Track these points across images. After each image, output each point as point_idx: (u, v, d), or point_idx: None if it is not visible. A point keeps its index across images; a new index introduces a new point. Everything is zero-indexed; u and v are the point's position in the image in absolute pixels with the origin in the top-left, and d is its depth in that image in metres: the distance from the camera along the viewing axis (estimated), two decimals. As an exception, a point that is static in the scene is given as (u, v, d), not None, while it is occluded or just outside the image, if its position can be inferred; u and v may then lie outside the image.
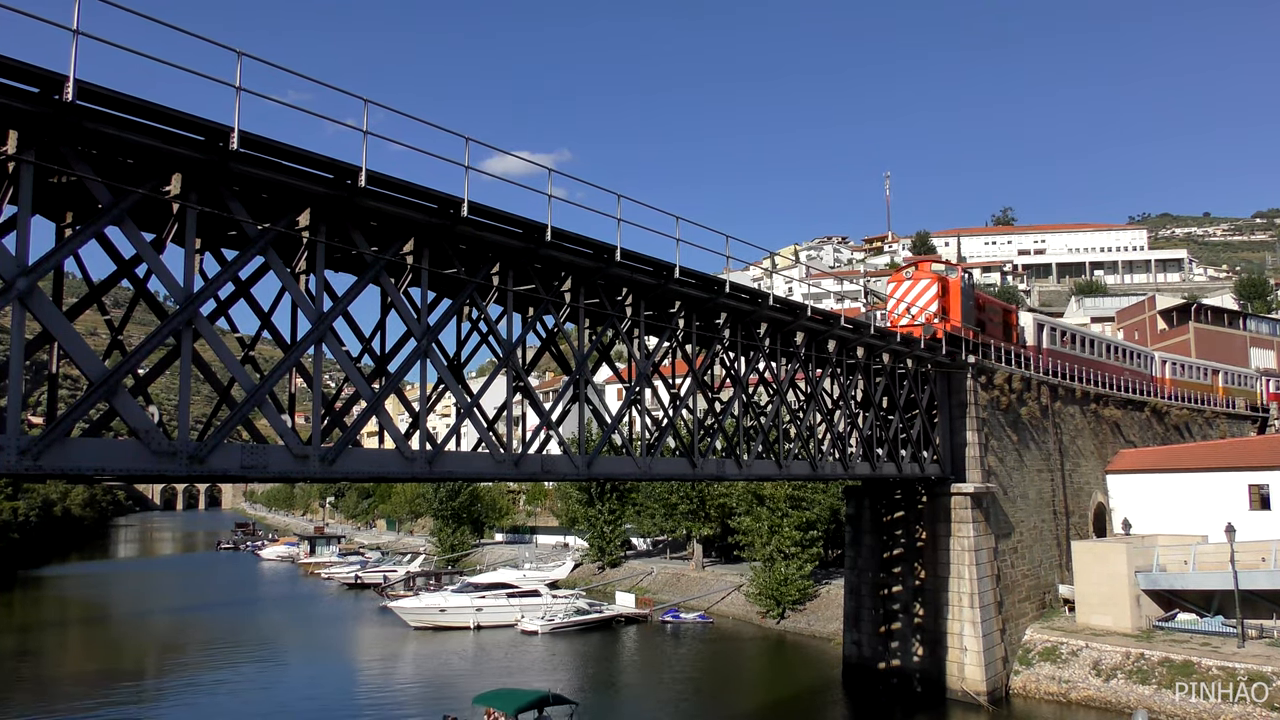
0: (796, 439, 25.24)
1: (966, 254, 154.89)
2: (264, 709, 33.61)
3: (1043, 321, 42.31)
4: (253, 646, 46.46)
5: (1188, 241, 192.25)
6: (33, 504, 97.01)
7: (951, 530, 31.36)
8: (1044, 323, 42.40)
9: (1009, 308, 39.72)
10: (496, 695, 24.71)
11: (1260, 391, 64.33)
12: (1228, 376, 60.58)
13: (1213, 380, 58.33)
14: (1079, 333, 45.91)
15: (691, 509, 57.15)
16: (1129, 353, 50.36)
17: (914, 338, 30.87)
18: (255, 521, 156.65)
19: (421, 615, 49.78)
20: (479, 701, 24.71)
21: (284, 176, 13.23)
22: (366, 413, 15.13)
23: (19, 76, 10.46)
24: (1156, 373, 52.19)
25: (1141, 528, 41.01)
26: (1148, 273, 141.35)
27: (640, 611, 51.03)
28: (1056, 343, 42.16)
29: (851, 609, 34.17)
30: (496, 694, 24.98)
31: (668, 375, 22.84)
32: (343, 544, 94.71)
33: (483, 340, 19.52)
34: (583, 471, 18.81)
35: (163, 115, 11.69)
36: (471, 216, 15.55)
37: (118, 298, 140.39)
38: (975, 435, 32.31)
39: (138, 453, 11.82)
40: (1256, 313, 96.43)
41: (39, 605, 66.21)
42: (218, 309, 15.30)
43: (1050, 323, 43.49)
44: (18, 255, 10.68)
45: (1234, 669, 28.02)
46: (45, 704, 33.81)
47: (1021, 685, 31.59)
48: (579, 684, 37.05)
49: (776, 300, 23.35)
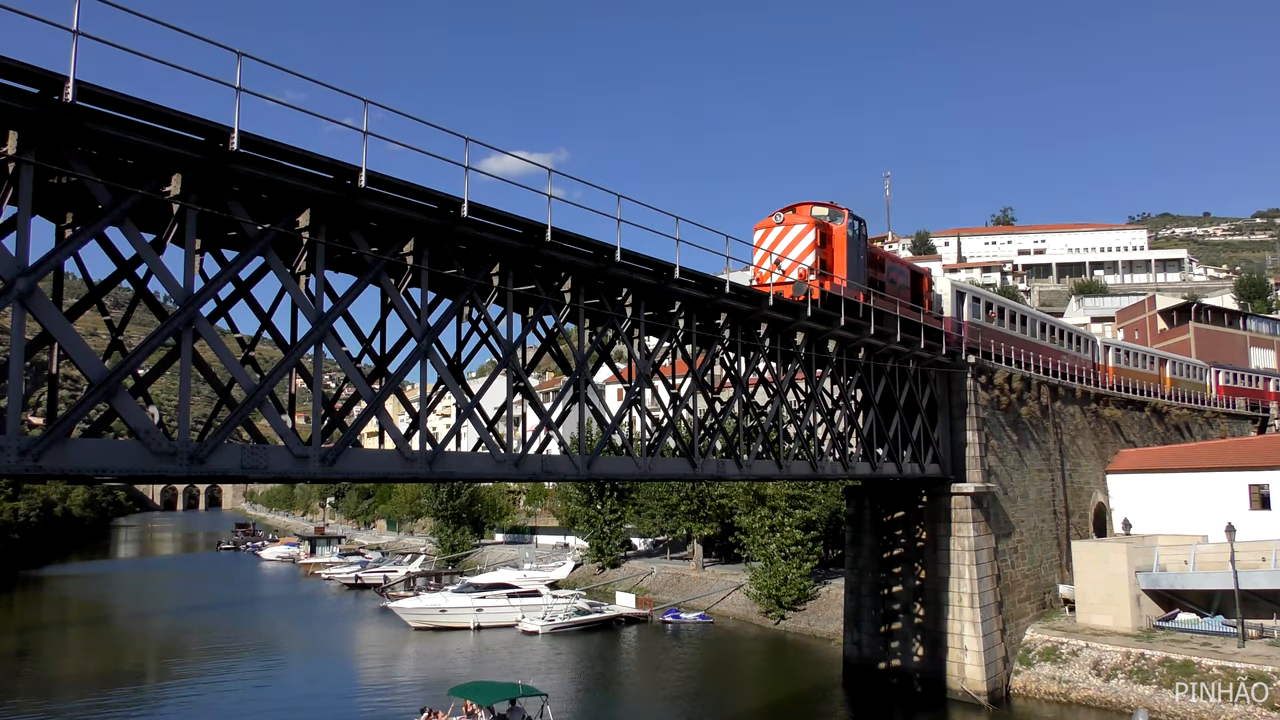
0: (796, 439, 25.24)
1: (966, 254, 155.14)
2: (264, 709, 33.62)
3: (964, 290, 36.03)
4: (253, 647, 46.47)
5: (1188, 241, 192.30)
6: (33, 504, 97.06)
7: (952, 530, 31.35)
8: (966, 292, 36.12)
9: (920, 270, 33.92)
10: (472, 688, 26.27)
11: (1210, 384, 59.84)
12: (1177, 367, 56.19)
13: (1159, 370, 53.74)
14: (1010, 308, 39.74)
15: (692, 509, 57.16)
16: (1069, 335, 45.34)
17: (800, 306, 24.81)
18: (255, 522, 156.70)
19: (422, 615, 49.78)
20: (455, 694, 26.15)
21: (284, 177, 13.23)
22: (367, 413, 15.14)
23: (19, 77, 10.45)
24: (1100, 359, 47.71)
25: (1142, 528, 41.01)
26: (1148, 273, 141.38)
27: (640, 612, 51.04)
28: (981, 316, 36.35)
29: (852, 609, 34.16)
30: (471, 686, 26.62)
31: (667, 375, 22.84)
32: (343, 544, 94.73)
33: (483, 340, 19.53)
34: (583, 472, 18.81)
35: (162, 116, 11.68)
36: (471, 217, 15.56)
37: (118, 298, 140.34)
38: (975, 435, 32.31)
39: (138, 453, 11.82)
40: (1256, 313, 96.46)
41: (39, 605, 66.23)
42: (218, 309, 15.31)
43: (974, 293, 37.03)
44: (18, 256, 10.68)
45: (1234, 669, 28.02)
46: (46, 704, 33.80)
47: (1022, 685, 31.59)
48: (579, 684, 37.07)
49: (776, 300, 23.35)
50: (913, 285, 31.55)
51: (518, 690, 25.76)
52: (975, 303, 36.22)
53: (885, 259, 30.40)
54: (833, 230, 26.92)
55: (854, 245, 27.32)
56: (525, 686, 26.32)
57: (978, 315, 35.96)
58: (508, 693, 25.62)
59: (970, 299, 35.91)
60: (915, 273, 32.73)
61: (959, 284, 35.77)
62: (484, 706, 24.75)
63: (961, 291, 35.45)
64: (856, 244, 27.54)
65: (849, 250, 26.91)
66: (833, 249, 26.62)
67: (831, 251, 26.55)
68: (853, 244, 27.22)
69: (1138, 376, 50.04)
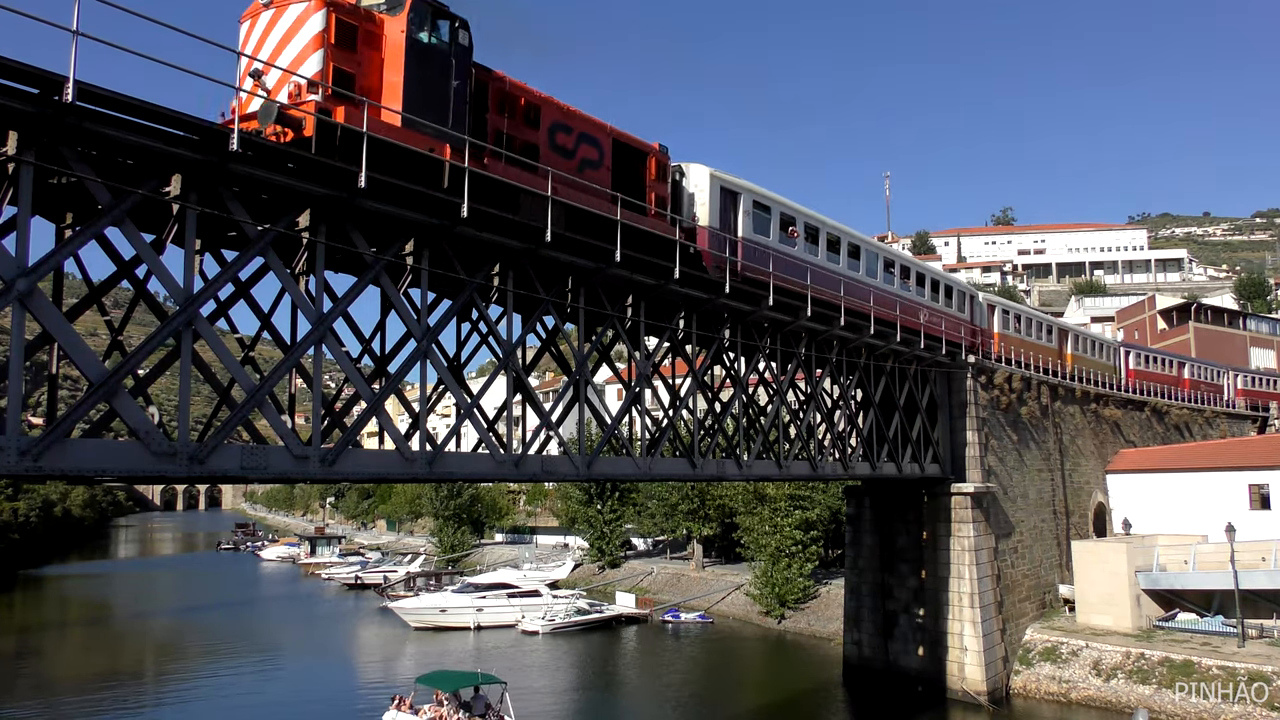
0: (796, 439, 25.26)
1: (966, 254, 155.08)
2: (264, 709, 33.64)
3: (737, 190, 22.79)
4: (253, 647, 46.46)
5: (1188, 241, 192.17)
6: (33, 504, 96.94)
7: (952, 530, 31.36)
8: (741, 193, 22.86)
9: (638, 146, 20.52)
10: (436, 676, 28.33)
11: (1119, 366, 48.70)
12: (1081, 344, 45.12)
13: (1060, 345, 42.53)
14: (825, 228, 26.37)
15: (692, 509, 57.14)
16: (936, 285, 32.65)
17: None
18: (255, 522, 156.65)
19: (422, 615, 49.79)
20: (421, 681, 28.11)
21: (284, 177, 13.24)
22: (366, 413, 15.15)
23: (19, 77, 10.46)
24: (983, 321, 36.44)
25: (1141, 527, 41.00)
26: (1148, 272, 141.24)
27: (640, 611, 51.04)
28: (769, 233, 23.61)
29: (852, 609, 34.18)
30: (436, 675, 28.65)
31: (667, 375, 22.85)
32: (343, 544, 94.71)
33: (483, 341, 19.55)
34: (583, 472, 18.83)
35: (162, 116, 11.70)
36: (471, 216, 15.52)
37: (118, 298, 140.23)
38: (975, 435, 32.31)
39: (138, 454, 11.83)
40: (1256, 312, 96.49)
41: (39, 605, 66.24)
42: (218, 310, 15.31)
43: (758, 196, 23.55)
44: (18, 256, 10.69)
45: (1234, 669, 28.02)
46: (46, 704, 33.81)
47: (1022, 685, 31.59)
48: (579, 684, 37.09)
49: (775, 301, 23.35)
50: (621, 165, 19.77)
51: (478, 678, 27.60)
52: (759, 212, 23.36)
53: (543, 107, 18.11)
54: (377, 25, 15.36)
55: (429, 59, 15.64)
56: (485, 675, 28.06)
57: (762, 230, 23.37)
58: (469, 680, 27.49)
59: (748, 204, 22.89)
60: (628, 148, 20.10)
61: (727, 180, 22.55)
62: (449, 693, 26.63)
63: (732, 191, 22.55)
64: (438, 59, 15.80)
65: (417, 64, 15.39)
66: (374, 57, 15.17)
67: (370, 60, 15.10)
68: (425, 55, 15.57)
69: (1033, 349, 39.23)
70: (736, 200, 22.68)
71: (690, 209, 21.68)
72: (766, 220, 23.64)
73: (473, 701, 26.92)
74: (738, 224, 22.47)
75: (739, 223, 22.51)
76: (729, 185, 22.54)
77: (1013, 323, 38.61)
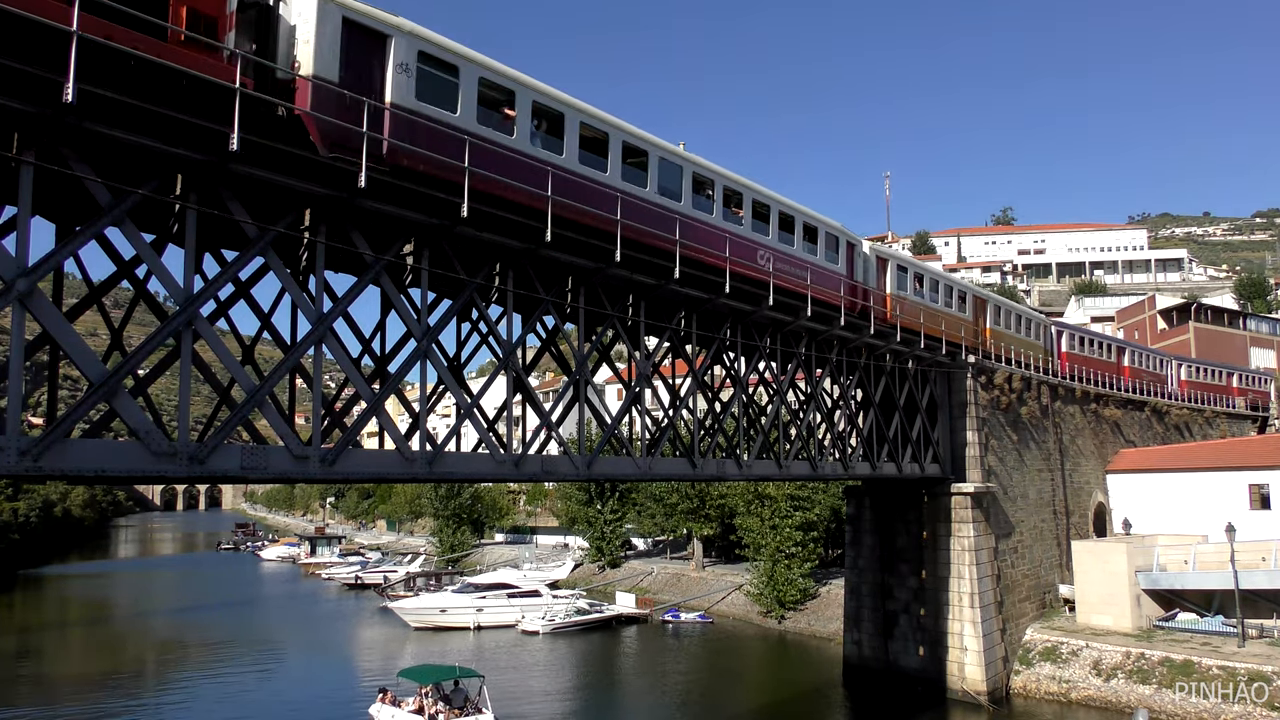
0: (796, 439, 25.25)
1: (966, 254, 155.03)
2: (264, 709, 33.62)
3: (386, 29, 14.51)
4: (253, 647, 46.44)
5: (1188, 241, 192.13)
6: (33, 504, 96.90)
7: (952, 530, 31.36)
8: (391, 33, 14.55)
9: None
10: (417, 670, 29.78)
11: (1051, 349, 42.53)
12: (1004, 317, 37.95)
13: (976, 317, 35.30)
14: (547, 104, 17.45)
15: (692, 509, 57.13)
16: (781, 218, 23.89)
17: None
18: (255, 522, 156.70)
19: (422, 615, 49.79)
20: (403, 675, 29.46)
21: (284, 177, 13.22)
22: (367, 413, 15.15)
23: (19, 78, 10.45)
24: (870, 280, 28.28)
25: (1141, 527, 41.01)
26: (1148, 272, 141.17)
27: (640, 611, 51.03)
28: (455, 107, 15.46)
29: (852, 609, 34.18)
30: (417, 669, 30.08)
31: (667, 375, 22.85)
32: (343, 544, 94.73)
33: (483, 341, 19.55)
34: (583, 472, 18.82)
35: (161, 116, 11.67)
36: (472, 216, 15.51)
37: (118, 298, 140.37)
38: (975, 435, 32.31)
39: (138, 454, 11.83)
40: (1256, 312, 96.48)
41: (40, 605, 66.20)
42: (218, 310, 15.32)
43: (428, 44, 15.11)
44: (18, 256, 10.69)
45: (1234, 669, 28.01)
46: (46, 704, 33.80)
47: (1022, 685, 31.59)
48: (579, 684, 37.08)
49: (776, 301, 23.34)
50: None
51: (456, 672, 29.13)
52: (433, 70, 15.28)
53: None
54: None
55: None
56: (463, 669, 29.67)
57: (445, 103, 15.38)
58: (448, 674, 28.95)
59: (408, 54, 14.77)
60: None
61: (364, 12, 14.29)
62: (430, 685, 27.96)
63: (374, 30, 14.39)
64: None
65: None
66: None
67: None
68: None
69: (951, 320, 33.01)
70: (383, 46, 14.47)
71: (289, 50, 13.48)
72: (452, 87, 15.42)
73: (452, 694, 28.21)
74: (386, 84, 14.44)
75: (388, 82, 14.44)
76: (365, 20, 14.19)
77: (912, 284, 30.32)
